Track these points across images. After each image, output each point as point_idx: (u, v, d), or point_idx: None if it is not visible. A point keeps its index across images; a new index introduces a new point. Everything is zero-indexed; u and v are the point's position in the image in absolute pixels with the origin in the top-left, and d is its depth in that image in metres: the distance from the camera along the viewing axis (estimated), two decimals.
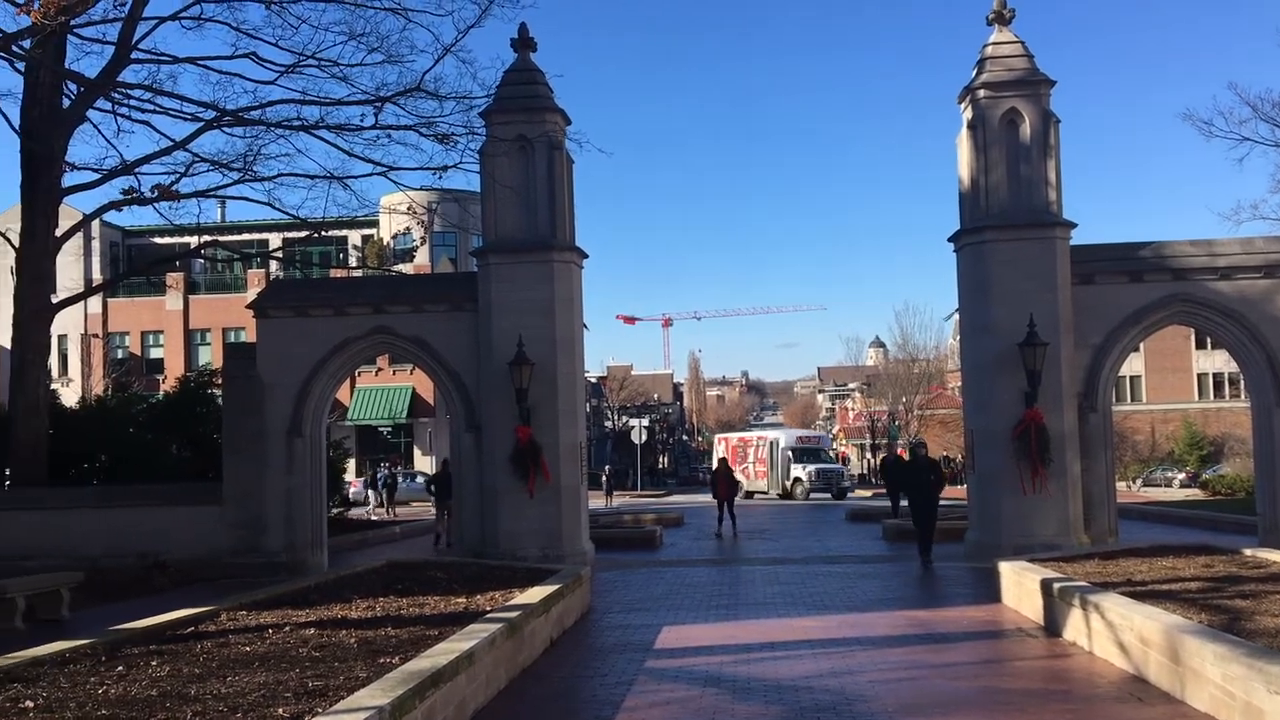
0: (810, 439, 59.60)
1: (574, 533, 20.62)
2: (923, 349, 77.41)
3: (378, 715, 6.77)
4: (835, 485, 49.67)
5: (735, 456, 57.26)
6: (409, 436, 60.61)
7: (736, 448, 58.77)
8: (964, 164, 20.90)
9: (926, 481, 20.33)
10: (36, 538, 20.21)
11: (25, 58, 20.04)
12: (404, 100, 22.16)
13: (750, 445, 57.92)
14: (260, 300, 21.72)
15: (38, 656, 9.63)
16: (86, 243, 57.32)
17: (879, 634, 12.97)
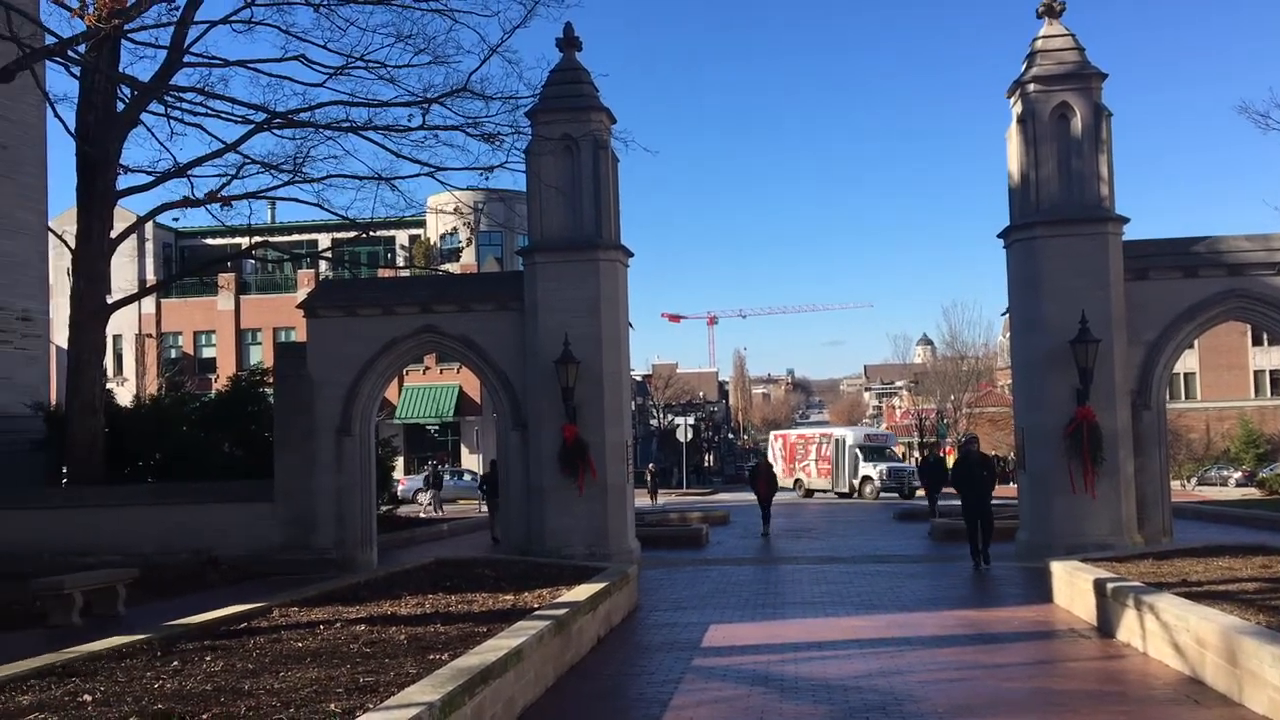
0: (877, 436, 58.03)
1: (620, 531, 20.64)
2: (971, 346, 76.70)
3: (428, 711, 6.82)
4: (906, 484, 47.94)
5: (793, 454, 56.38)
6: (456, 435, 61.02)
7: (795, 445, 57.67)
8: (1013, 159, 20.65)
9: (979, 479, 19.59)
10: (93, 535, 20.59)
11: (80, 62, 20.39)
12: (451, 101, 22.33)
13: (811, 443, 56.48)
14: (310, 300, 21.95)
15: (95, 651, 9.80)
16: (140, 244, 58.41)
17: (928, 634, 12.85)
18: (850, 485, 50.85)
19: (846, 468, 51.54)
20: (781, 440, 61.08)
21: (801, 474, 55.41)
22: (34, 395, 25.55)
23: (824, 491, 52.65)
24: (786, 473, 56.04)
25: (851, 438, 53.61)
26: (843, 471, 51.87)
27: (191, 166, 24.11)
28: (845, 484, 51.33)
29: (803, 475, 55.19)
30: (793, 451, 57.13)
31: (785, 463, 57.09)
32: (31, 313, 25.94)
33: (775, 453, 59.29)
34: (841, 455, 52.24)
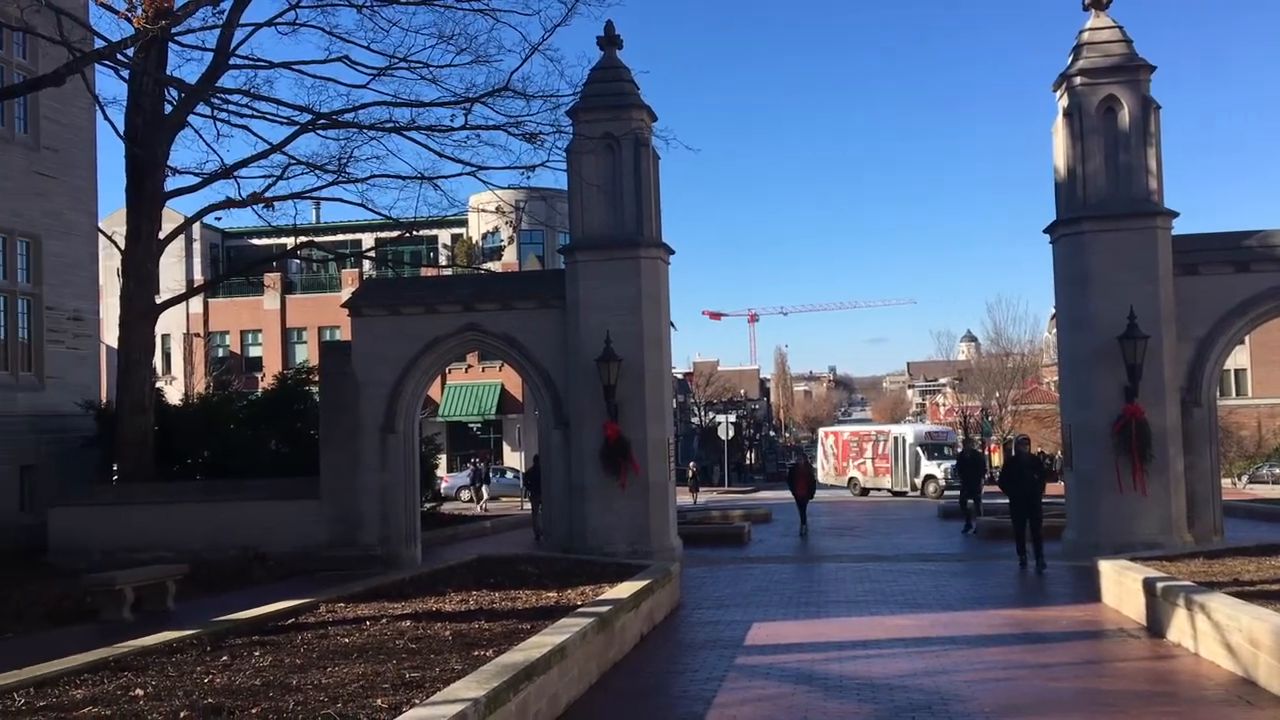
0: (938, 434, 55.96)
1: (662, 529, 20.65)
2: (1017, 343, 75.73)
3: (473, 707, 6.86)
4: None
5: (846, 452, 55.11)
6: (498, 433, 61.28)
7: (848, 443, 56.08)
8: (1060, 153, 20.41)
9: (1030, 481, 18.95)
10: (143, 531, 20.90)
11: (129, 65, 20.74)
12: (492, 100, 22.42)
13: (867, 440, 54.91)
14: (354, 299, 22.14)
15: (146, 646, 9.96)
16: (188, 245, 59.15)
17: (974, 633, 12.74)
18: (911, 483, 49.52)
19: (907, 466, 50.29)
20: (833, 437, 59.49)
21: (856, 472, 54.11)
22: (85, 394, 25.97)
23: (882, 490, 51.41)
24: (839, 471, 55.11)
25: (912, 435, 52.15)
26: (903, 469, 50.65)
27: (238, 167, 24.45)
28: (905, 482, 50.10)
29: (858, 473, 53.91)
30: (846, 449, 55.71)
31: (838, 460, 56.06)
32: (82, 313, 26.36)
33: (826, 450, 58.12)
34: (902, 453, 51.02)
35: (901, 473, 50.74)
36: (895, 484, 51.07)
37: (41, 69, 22.82)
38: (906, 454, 50.56)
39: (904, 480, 50.37)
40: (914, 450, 50.35)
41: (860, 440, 55.45)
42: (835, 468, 56.00)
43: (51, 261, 25.21)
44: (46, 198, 25.09)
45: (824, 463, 58.50)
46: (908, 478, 50.00)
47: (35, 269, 24.91)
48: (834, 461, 56.43)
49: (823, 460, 58.95)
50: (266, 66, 23.59)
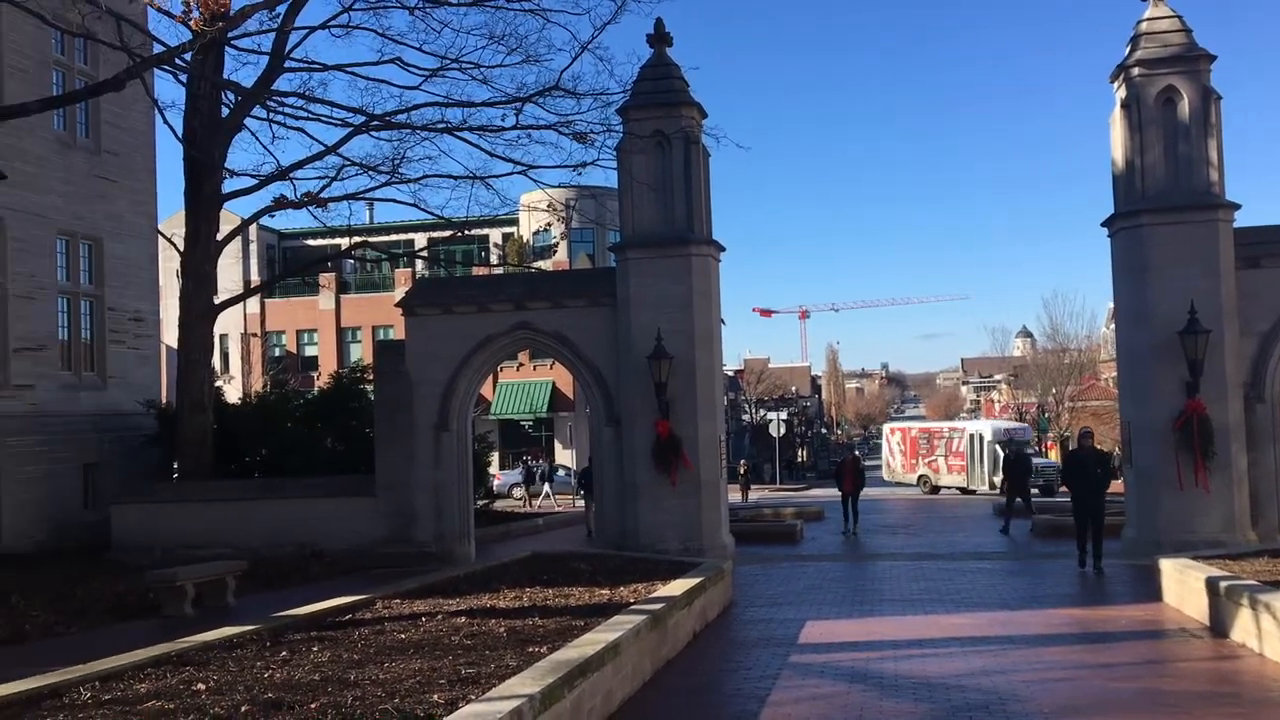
0: (1016, 430, 53.45)
1: (714, 526, 20.62)
2: (1073, 338, 74.58)
3: (529, 703, 6.90)
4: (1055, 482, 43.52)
5: (915, 449, 53.71)
6: (549, 430, 61.53)
7: (917, 439, 54.25)
8: (1118, 145, 20.08)
9: (1094, 476, 18.13)
10: (203, 528, 21.26)
11: (187, 69, 21.07)
12: (543, 100, 22.51)
13: (939, 437, 52.95)
14: (408, 299, 22.34)
15: (207, 641, 10.13)
16: (245, 246, 60.02)
17: (1032, 632, 12.58)
18: (990, 482, 47.32)
19: (985, 464, 48.29)
20: (900, 434, 57.39)
21: (927, 469, 52.41)
22: (146, 393, 26.48)
23: (956, 489, 49.35)
24: (907, 468, 53.81)
25: (991, 432, 49.98)
26: (980, 468, 48.72)
27: (293, 169, 24.79)
28: (983, 480, 48.17)
29: (928, 471, 52.22)
30: (914, 446, 53.96)
31: (905, 457, 54.63)
32: (143, 314, 26.86)
33: (891, 447, 56.58)
34: (979, 451, 49.11)
35: (979, 471, 48.87)
36: (971, 482, 49.31)
37: (102, 74, 23.27)
38: (985, 452, 48.61)
39: (981, 478, 48.46)
40: (992, 448, 48.17)
41: (931, 437, 53.69)
42: (903, 465, 54.52)
43: (113, 263, 25.72)
44: (108, 201, 25.59)
45: (889, 460, 57.30)
46: (985, 476, 48.04)
47: (97, 271, 25.42)
48: (901, 459, 54.91)
49: (888, 457, 57.73)
50: (321, 69, 23.91)
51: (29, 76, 23.08)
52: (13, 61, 22.85)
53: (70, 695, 8.08)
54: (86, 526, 23.55)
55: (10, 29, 22.50)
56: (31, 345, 23.18)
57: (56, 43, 24.00)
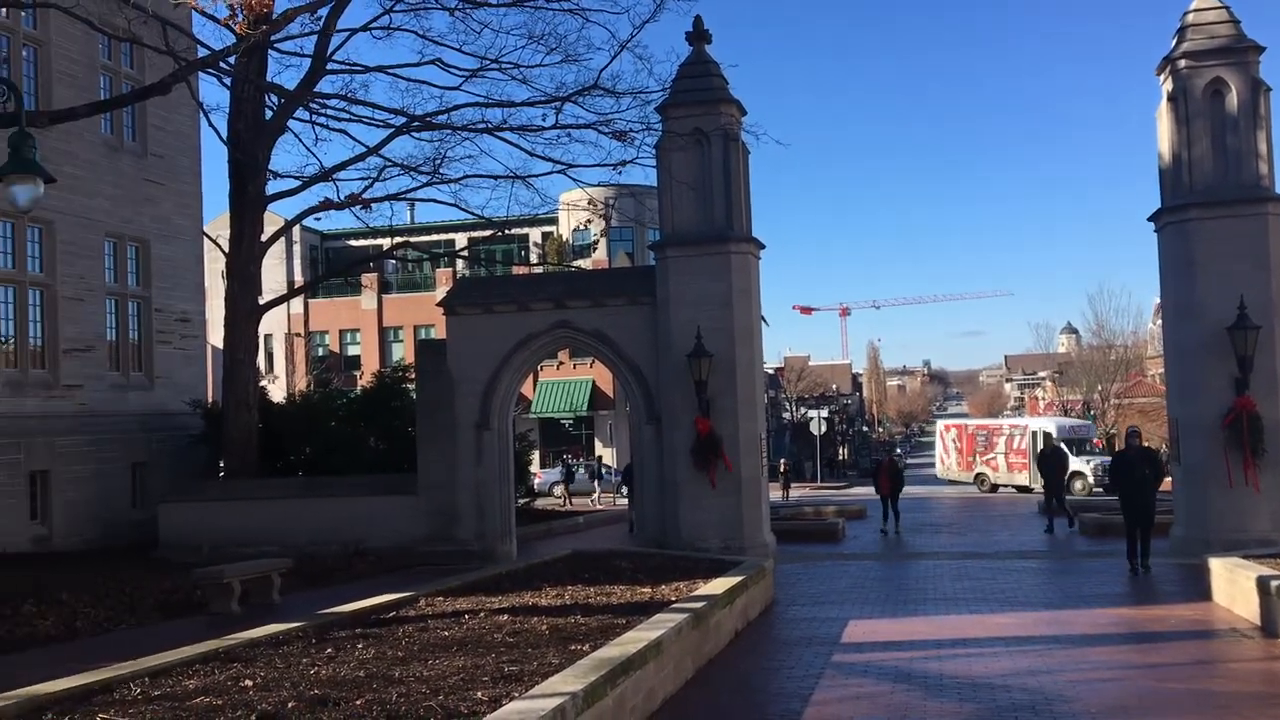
0: (1080, 429, 51.86)
1: (755, 524, 20.56)
2: (1119, 334, 73.59)
3: (572, 701, 6.91)
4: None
5: (972, 446, 52.51)
6: (589, 429, 61.66)
7: (974, 436, 52.86)
8: (1164, 138, 19.79)
9: (1143, 477, 17.60)
10: (249, 526, 21.48)
11: (231, 72, 21.31)
12: (582, 99, 22.56)
13: (998, 434, 51.30)
14: (449, 298, 22.46)
15: (254, 638, 10.24)
16: (288, 247, 60.65)
17: (1079, 632, 12.43)
18: None
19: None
20: (956, 431, 56.04)
21: (985, 467, 50.92)
22: (192, 393, 26.82)
23: (1014, 488, 47.66)
24: (964, 466, 52.76)
25: (1055, 429, 48.09)
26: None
27: (336, 170, 25.01)
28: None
29: (986, 469, 50.80)
30: (971, 443, 52.67)
31: (962, 455, 53.48)
32: (189, 314, 27.21)
33: (947, 444, 55.45)
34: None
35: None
36: (1034, 480, 46.17)
37: (148, 78, 23.59)
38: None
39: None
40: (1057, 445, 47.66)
41: (990, 434, 52.22)
42: (959, 462, 53.45)
43: (160, 265, 26.07)
44: (154, 203, 25.95)
45: (943, 457, 56.32)
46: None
47: (144, 272, 25.78)
48: (956, 456, 53.82)
49: (942, 455, 56.67)
50: (362, 71, 24.12)
51: (77, 81, 23.45)
52: (61, 67, 23.23)
53: (121, 691, 8.21)
54: (135, 525, 23.90)
55: (59, 35, 22.87)
56: (80, 346, 23.56)
57: (104, 48, 24.36)
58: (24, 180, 12.55)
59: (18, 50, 22.62)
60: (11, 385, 21.65)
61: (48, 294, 22.91)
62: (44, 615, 13.94)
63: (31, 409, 22.22)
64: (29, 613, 14.01)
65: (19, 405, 21.78)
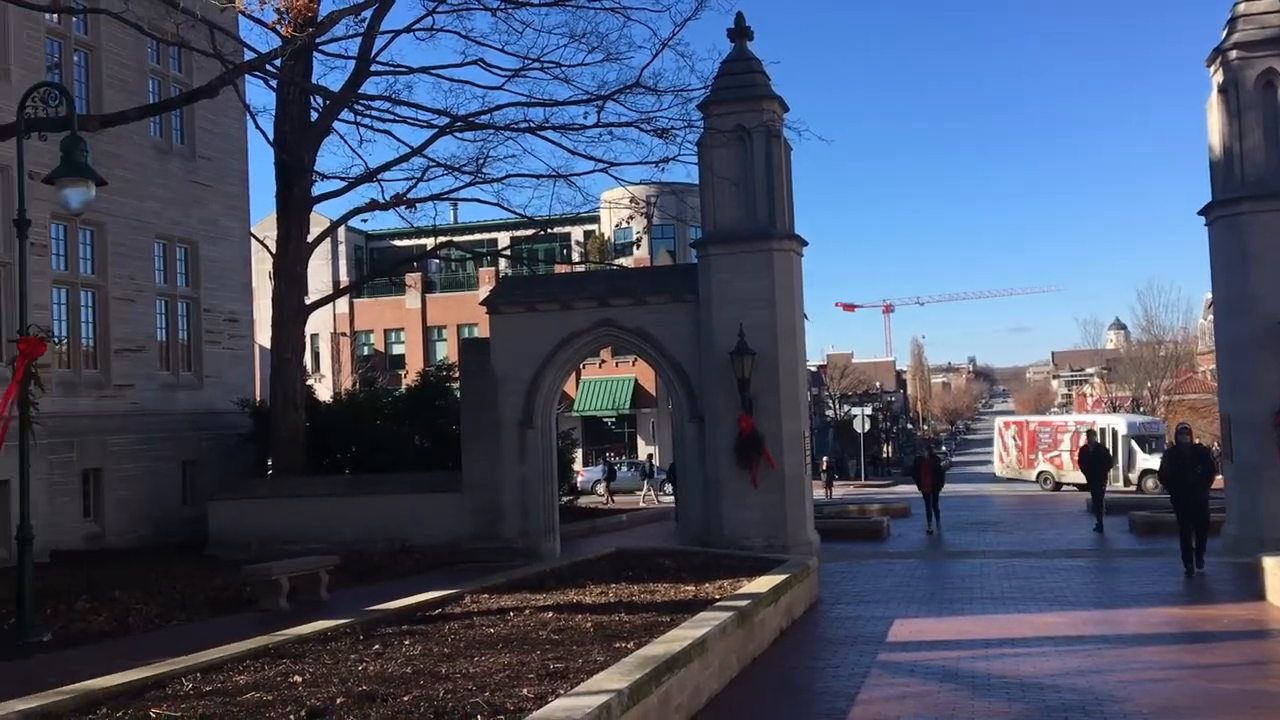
0: (1151, 425, 50.54)
1: (799, 522, 20.46)
2: (1169, 330, 72.58)
3: (617, 699, 6.92)
4: None
5: (1034, 443, 51.68)
6: (632, 427, 61.75)
7: (1036, 433, 51.84)
8: (1215, 131, 19.46)
9: (1196, 475, 17.08)
10: (297, 524, 21.72)
11: (277, 75, 21.55)
12: (624, 97, 22.60)
13: (1063, 431, 50.10)
14: (492, 297, 22.57)
15: (303, 635, 10.36)
16: (334, 247, 61.23)
17: (1129, 632, 12.27)
18: (1125, 478, 45.07)
19: (1120, 460, 45.46)
20: (1016, 427, 54.89)
21: (1049, 465, 49.86)
22: (240, 392, 27.18)
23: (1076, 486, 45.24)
24: (1024, 464, 51.76)
25: (1125, 426, 47.27)
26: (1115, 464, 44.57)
27: (380, 171, 25.22)
28: (1118, 477, 44.67)
29: (1050, 467, 49.69)
30: (1033, 440, 51.67)
31: (1022, 453, 52.52)
32: (237, 314, 27.57)
33: (1006, 442, 54.47)
34: (1112, 447, 45.59)
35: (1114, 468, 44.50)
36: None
37: (196, 82, 23.93)
38: (1120, 448, 46.00)
39: (1115, 475, 44.31)
40: (1127, 443, 46.12)
41: (1054, 431, 51.12)
42: (1019, 460, 52.51)
43: (208, 266, 26.44)
44: (202, 205, 26.31)
45: (1002, 454, 55.33)
46: (1120, 472, 45.25)
47: (193, 273, 26.15)
48: (1017, 454, 52.87)
49: (1001, 452, 55.64)
50: (406, 72, 24.30)
51: (127, 85, 23.84)
52: (111, 71, 23.62)
53: (173, 686, 8.34)
54: (185, 522, 24.26)
55: (109, 40, 23.26)
56: (131, 346, 23.94)
57: (152, 52, 24.73)
58: (76, 183, 12.80)
59: (69, 55, 23.04)
60: (65, 385, 22.04)
61: (99, 295, 23.32)
62: (97, 611, 14.19)
63: (84, 408, 22.62)
64: (83, 609, 14.27)
65: (72, 405, 22.16)
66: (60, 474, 21.62)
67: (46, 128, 14.51)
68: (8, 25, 20.55)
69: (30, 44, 21.28)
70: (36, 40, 21.58)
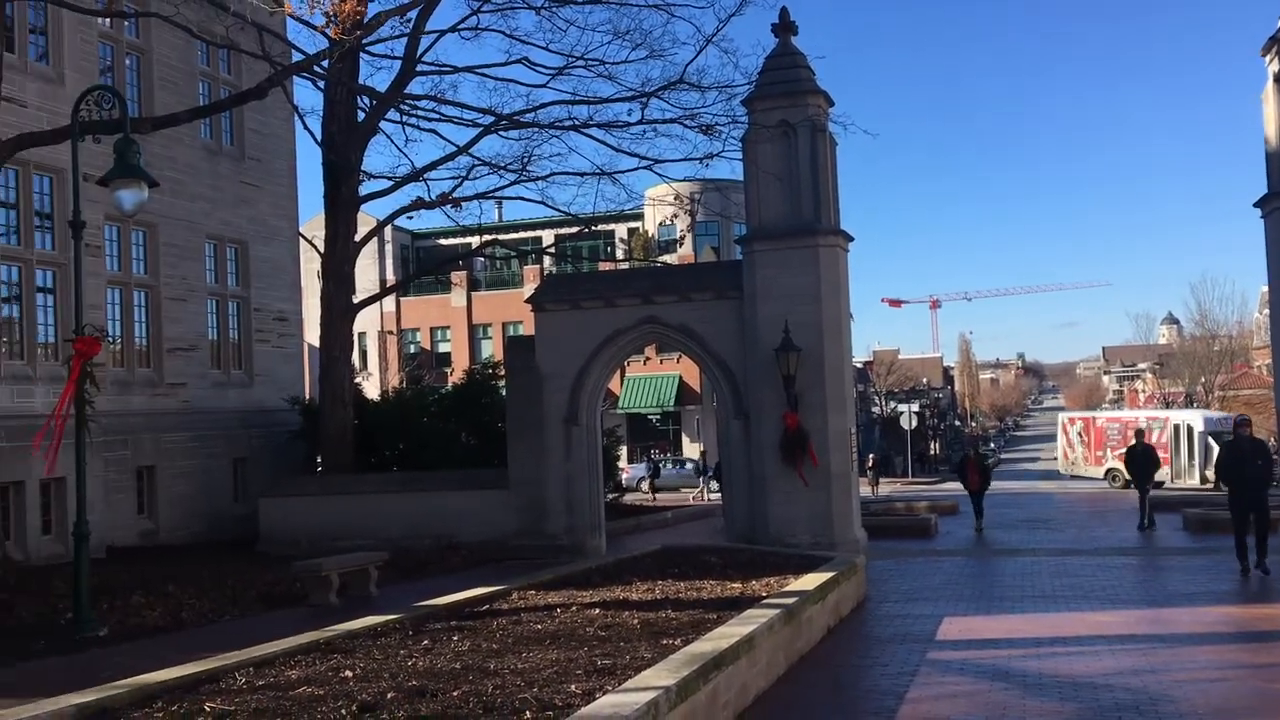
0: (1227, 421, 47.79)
1: (845, 520, 20.34)
2: (1223, 324, 71.42)
3: (665, 695, 6.92)
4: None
5: (1102, 440, 50.55)
6: (677, 424, 61.72)
7: (1104, 430, 50.49)
8: (1271, 121, 19.10)
9: (1255, 469, 16.54)
10: (346, 520, 21.95)
11: (325, 76, 21.77)
12: (668, 94, 22.58)
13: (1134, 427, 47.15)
14: (537, 295, 22.64)
15: (353, 630, 10.46)
16: (380, 246, 61.75)
17: (1184, 631, 12.07)
18: (1203, 476, 43.73)
19: (1197, 457, 44.85)
20: (1082, 423, 53.63)
21: (1118, 463, 47.27)
22: (290, 390, 27.49)
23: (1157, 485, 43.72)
24: (1092, 461, 50.66)
25: (1202, 422, 45.88)
26: (1190, 461, 45.22)
27: (426, 170, 25.40)
28: (1194, 474, 44.62)
29: (1120, 464, 46.61)
30: (1100, 437, 50.50)
31: (1090, 449, 51.36)
32: (286, 313, 27.89)
33: (1071, 438, 53.32)
34: (1188, 443, 45.64)
35: (1188, 465, 45.28)
36: (1177, 477, 45.31)
37: (244, 83, 24.23)
38: (1196, 443, 45.17)
39: (1192, 473, 44.82)
40: (1204, 439, 44.80)
41: (1124, 427, 49.17)
42: (1085, 457, 51.41)
43: (258, 265, 26.77)
44: (252, 205, 26.64)
45: (1067, 451, 54.07)
46: (1197, 470, 44.44)
47: (243, 273, 26.49)
48: (1083, 450, 51.71)
49: (1066, 449, 54.34)
50: (451, 71, 24.45)
51: (178, 88, 24.18)
52: (162, 74, 23.98)
53: (226, 680, 8.45)
54: (237, 519, 24.59)
55: (160, 43, 23.61)
56: (184, 345, 24.30)
57: (202, 54, 25.07)
58: (129, 185, 13.00)
59: (121, 59, 23.41)
60: (119, 384, 22.42)
61: (152, 295, 23.68)
62: (152, 606, 14.42)
63: (138, 407, 23.00)
64: (138, 604, 14.50)
65: (126, 403, 22.54)
66: (115, 471, 21.99)
67: (100, 130, 14.78)
68: (62, 30, 20.92)
69: (84, 48, 21.65)
70: (90, 44, 21.95)
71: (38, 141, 16.53)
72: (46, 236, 20.57)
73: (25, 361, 19.96)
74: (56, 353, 20.19)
